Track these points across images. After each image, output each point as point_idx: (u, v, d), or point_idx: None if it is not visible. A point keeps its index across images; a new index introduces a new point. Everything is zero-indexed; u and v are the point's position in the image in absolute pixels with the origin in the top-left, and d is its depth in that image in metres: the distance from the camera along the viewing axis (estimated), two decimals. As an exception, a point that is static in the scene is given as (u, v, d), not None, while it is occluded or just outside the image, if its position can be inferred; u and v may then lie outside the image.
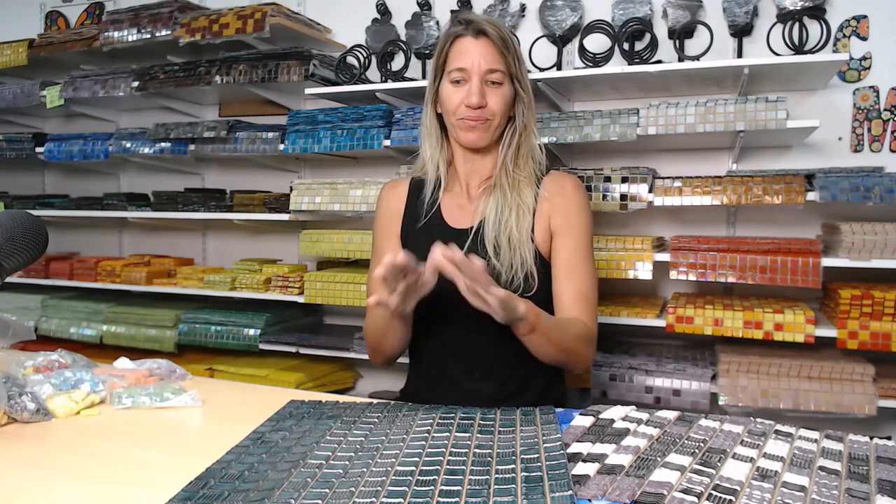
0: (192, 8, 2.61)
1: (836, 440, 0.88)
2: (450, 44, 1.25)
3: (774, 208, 2.06)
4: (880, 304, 1.76)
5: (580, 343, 1.22)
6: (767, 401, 1.83)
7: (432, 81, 1.29)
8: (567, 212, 1.28)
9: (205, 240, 2.98)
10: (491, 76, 1.22)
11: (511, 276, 1.21)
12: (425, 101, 1.32)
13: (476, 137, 1.24)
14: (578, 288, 1.25)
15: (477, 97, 1.20)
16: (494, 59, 1.22)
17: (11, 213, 1.07)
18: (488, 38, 1.22)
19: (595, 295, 1.28)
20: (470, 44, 1.22)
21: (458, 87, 1.23)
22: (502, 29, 1.24)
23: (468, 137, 1.25)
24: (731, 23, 2.05)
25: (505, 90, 1.24)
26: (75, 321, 2.72)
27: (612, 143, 2.01)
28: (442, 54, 1.26)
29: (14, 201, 2.98)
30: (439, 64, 1.27)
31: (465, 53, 1.22)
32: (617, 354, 2.03)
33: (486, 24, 1.22)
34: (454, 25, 1.26)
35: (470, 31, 1.23)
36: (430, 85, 1.30)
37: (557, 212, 1.27)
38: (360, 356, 2.31)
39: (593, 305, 1.27)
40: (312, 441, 0.90)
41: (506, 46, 1.22)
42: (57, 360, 1.24)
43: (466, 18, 1.24)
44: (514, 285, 1.21)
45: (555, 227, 1.27)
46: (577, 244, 1.27)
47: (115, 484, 0.80)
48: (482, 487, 0.74)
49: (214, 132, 2.46)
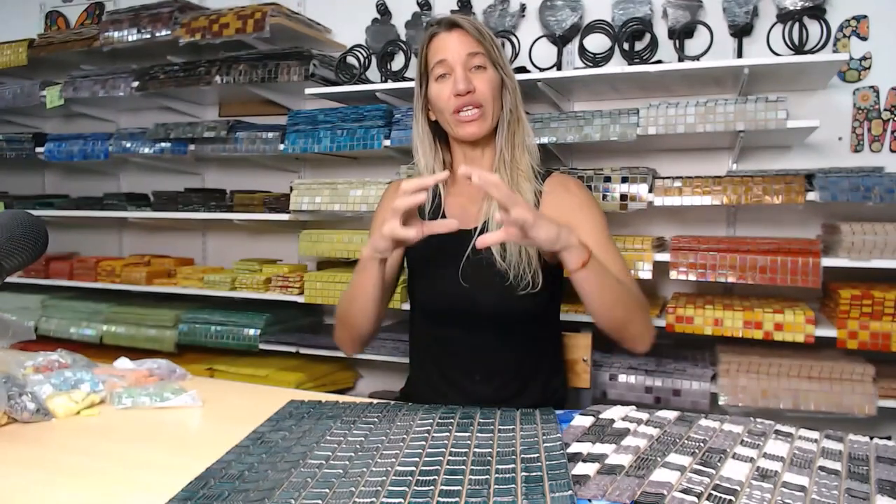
0: (192, 8, 2.61)
1: (836, 440, 0.88)
2: (426, 45, 1.26)
3: (774, 208, 2.05)
4: (880, 304, 1.76)
5: (636, 303, 1.15)
6: (767, 401, 1.82)
7: (419, 90, 1.29)
8: (579, 207, 1.27)
9: (205, 240, 2.98)
10: (473, 60, 1.22)
11: (519, 274, 1.21)
12: (415, 111, 1.32)
13: (475, 129, 1.24)
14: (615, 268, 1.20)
15: (463, 83, 1.20)
16: (472, 44, 1.22)
17: (11, 213, 1.06)
18: (462, 29, 1.23)
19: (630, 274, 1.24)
20: (446, 38, 1.23)
21: (444, 82, 1.23)
22: (476, 21, 1.25)
23: (467, 131, 1.24)
24: (731, 23, 2.05)
25: (490, 74, 1.24)
26: (75, 321, 2.72)
27: (612, 143, 2.01)
28: (422, 58, 1.27)
29: (14, 201, 2.98)
30: (422, 70, 1.28)
31: (442, 48, 1.23)
32: (617, 354, 2.03)
33: (458, 18, 1.24)
34: (428, 28, 1.27)
35: (443, 27, 1.24)
36: (418, 93, 1.30)
37: (568, 209, 1.26)
38: (360, 356, 2.31)
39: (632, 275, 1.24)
40: (312, 441, 0.90)
41: (481, 34, 1.23)
42: (57, 360, 1.24)
43: (438, 19, 1.26)
44: (523, 284, 1.21)
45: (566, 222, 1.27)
46: (598, 234, 1.24)
47: (115, 484, 0.80)
48: (482, 487, 0.74)
49: (214, 132, 2.46)
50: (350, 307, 1.26)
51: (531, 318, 1.28)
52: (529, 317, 1.28)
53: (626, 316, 1.15)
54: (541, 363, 1.32)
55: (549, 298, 1.27)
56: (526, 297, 1.21)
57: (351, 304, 1.25)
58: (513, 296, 1.22)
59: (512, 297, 1.22)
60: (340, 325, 1.32)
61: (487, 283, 1.23)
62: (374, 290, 1.19)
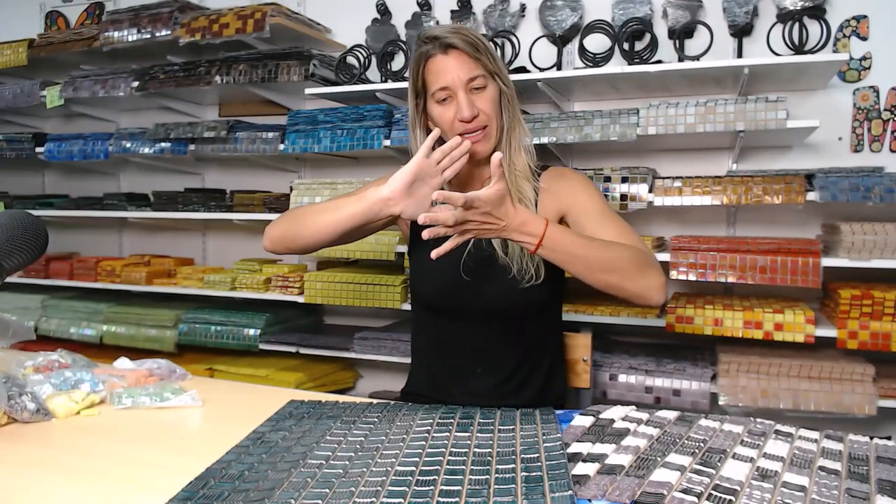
0: (192, 8, 2.61)
1: (836, 440, 0.88)
2: (423, 66, 1.24)
3: (774, 208, 2.05)
4: (880, 304, 1.76)
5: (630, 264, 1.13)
6: (767, 401, 1.82)
7: (415, 105, 1.28)
8: (574, 189, 1.28)
9: (205, 240, 2.98)
10: (473, 83, 1.21)
11: (522, 268, 1.21)
12: (411, 125, 1.31)
13: (481, 148, 1.24)
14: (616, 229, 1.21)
15: (468, 110, 1.20)
16: (471, 67, 1.20)
17: (11, 213, 1.07)
18: (458, 50, 1.20)
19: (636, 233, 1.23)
20: (442, 62, 1.21)
21: (446, 106, 1.22)
22: (468, 33, 1.22)
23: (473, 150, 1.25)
24: (731, 23, 2.05)
25: (490, 91, 1.23)
26: (75, 321, 2.72)
27: (612, 143, 2.01)
28: (418, 78, 1.25)
29: (14, 201, 2.98)
30: (418, 88, 1.26)
31: (441, 72, 1.21)
32: (617, 354, 2.03)
33: (452, 36, 1.20)
34: (421, 45, 1.24)
35: (438, 48, 1.21)
36: (413, 108, 1.28)
37: (565, 195, 1.28)
38: (360, 356, 2.31)
39: (638, 238, 1.22)
40: (312, 441, 0.90)
41: (477, 50, 1.21)
42: (57, 360, 1.24)
43: (431, 35, 1.22)
44: (527, 277, 1.21)
45: (566, 206, 1.27)
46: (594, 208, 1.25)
47: (115, 484, 0.80)
48: (482, 487, 0.74)
49: (214, 132, 2.46)
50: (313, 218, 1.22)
51: (533, 311, 1.29)
52: (531, 310, 1.29)
53: (614, 279, 1.14)
54: (542, 358, 1.33)
55: (551, 291, 1.28)
56: (528, 290, 1.22)
57: (316, 216, 1.22)
58: (515, 289, 1.22)
59: (514, 290, 1.22)
60: (289, 221, 1.28)
61: (489, 277, 1.24)
62: (348, 224, 1.18)
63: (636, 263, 1.14)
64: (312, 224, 1.22)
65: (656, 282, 1.15)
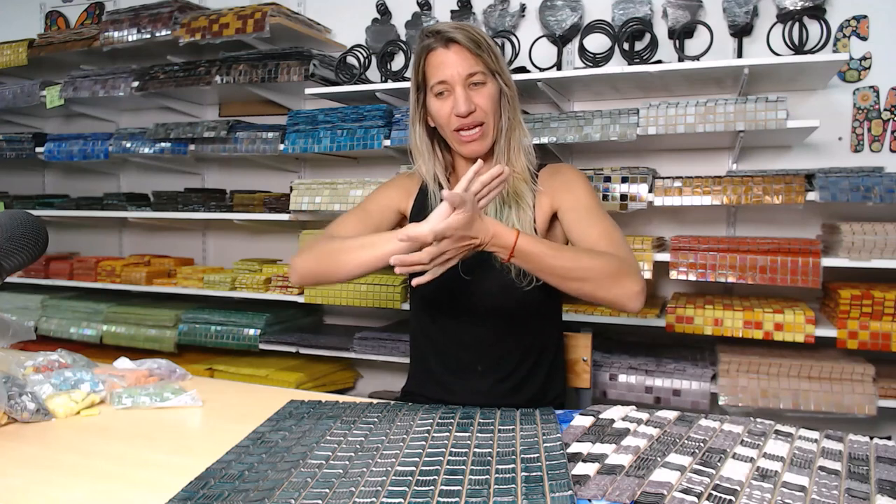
0: (192, 8, 2.61)
1: (836, 440, 0.88)
2: (424, 59, 1.24)
3: (774, 208, 2.06)
4: (880, 304, 1.76)
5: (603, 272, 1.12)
6: (767, 401, 1.83)
7: (415, 99, 1.28)
8: (567, 187, 1.28)
9: (205, 240, 2.98)
10: (472, 79, 1.21)
11: (522, 270, 1.21)
12: (411, 120, 1.31)
13: (477, 147, 1.24)
14: (600, 230, 1.20)
15: (465, 105, 1.20)
16: (471, 62, 1.21)
17: (11, 213, 1.07)
18: (459, 45, 1.20)
19: (620, 235, 1.22)
20: (443, 55, 1.21)
21: (444, 100, 1.23)
22: (471, 30, 1.22)
23: (469, 149, 1.25)
24: (731, 23, 2.05)
25: (489, 88, 1.23)
26: (75, 321, 2.72)
27: (612, 143, 2.01)
28: (419, 71, 1.25)
29: (14, 201, 2.98)
30: (419, 81, 1.26)
31: (441, 66, 1.21)
32: (617, 354, 2.03)
33: (454, 31, 1.21)
34: (423, 39, 1.24)
35: (440, 41, 1.21)
36: (414, 103, 1.29)
37: (557, 190, 1.28)
38: (360, 356, 2.31)
39: (620, 241, 1.21)
40: (312, 441, 0.90)
41: (479, 46, 1.21)
42: (57, 360, 1.24)
43: (434, 30, 1.23)
44: (527, 280, 1.21)
45: (558, 203, 1.27)
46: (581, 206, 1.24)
47: (115, 484, 0.80)
48: (482, 487, 0.74)
49: (214, 132, 2.46)
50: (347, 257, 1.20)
51: (533, 310, 1.29)
52: (531, 309, 1.29)
53: (587, 288, 1.13)
54: (542, 356, 1.33)
55: (551, 291, 1.28)
56: (526, 289, 1.22)
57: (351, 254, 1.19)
58: (513, 288, 1.22)
59: (513, 288, 1.23)
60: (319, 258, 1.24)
61: (489, 276, 1.24)
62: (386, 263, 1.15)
63: (609, 272, 1.13)
64: (348, 262, 1.20)
65: (630, 290, 1.14)
